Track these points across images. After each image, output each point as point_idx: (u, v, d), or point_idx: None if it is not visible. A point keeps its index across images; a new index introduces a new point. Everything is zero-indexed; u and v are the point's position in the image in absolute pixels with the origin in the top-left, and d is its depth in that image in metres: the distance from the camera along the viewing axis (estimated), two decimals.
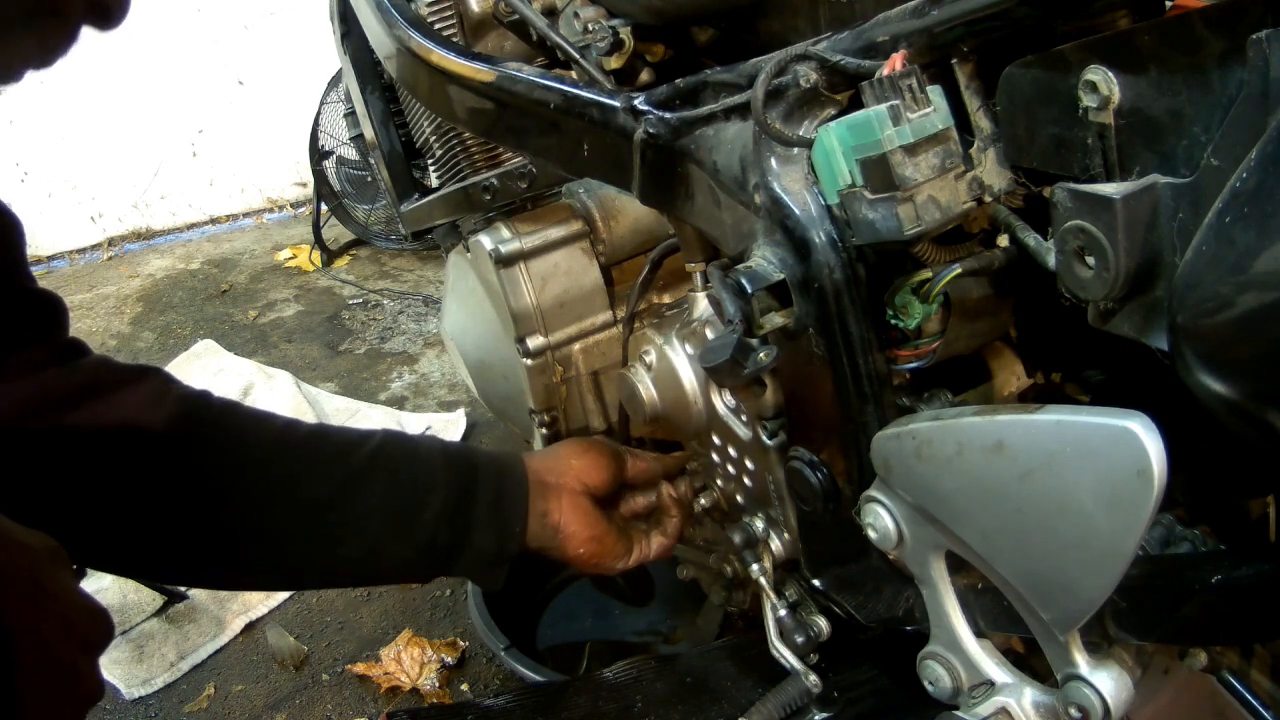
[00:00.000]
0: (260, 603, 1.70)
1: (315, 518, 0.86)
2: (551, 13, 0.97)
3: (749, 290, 0.67)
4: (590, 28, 0.91)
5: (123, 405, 0.81)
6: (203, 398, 0.88)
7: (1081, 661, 0.60)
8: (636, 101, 0.79)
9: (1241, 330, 0.43)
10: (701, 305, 0.90)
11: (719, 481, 0.95)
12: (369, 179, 3.09)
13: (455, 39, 1.09)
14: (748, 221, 0.71)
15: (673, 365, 0.91)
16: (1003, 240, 0.63)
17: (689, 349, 0.90)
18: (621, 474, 1.02)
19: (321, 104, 3.08)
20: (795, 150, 0.67)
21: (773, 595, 0.87)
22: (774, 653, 0.88)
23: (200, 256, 3.50)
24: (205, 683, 1.57)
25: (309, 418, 2.19)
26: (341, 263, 3.27)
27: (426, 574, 0.95)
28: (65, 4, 0.57)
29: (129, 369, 0.85)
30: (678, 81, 0.77)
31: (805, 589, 0.87)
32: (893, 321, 0.67)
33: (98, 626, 0.61)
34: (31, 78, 0.60)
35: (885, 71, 0.59)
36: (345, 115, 2.35)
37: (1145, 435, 0.48)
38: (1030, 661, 0.70)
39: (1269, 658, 0.66)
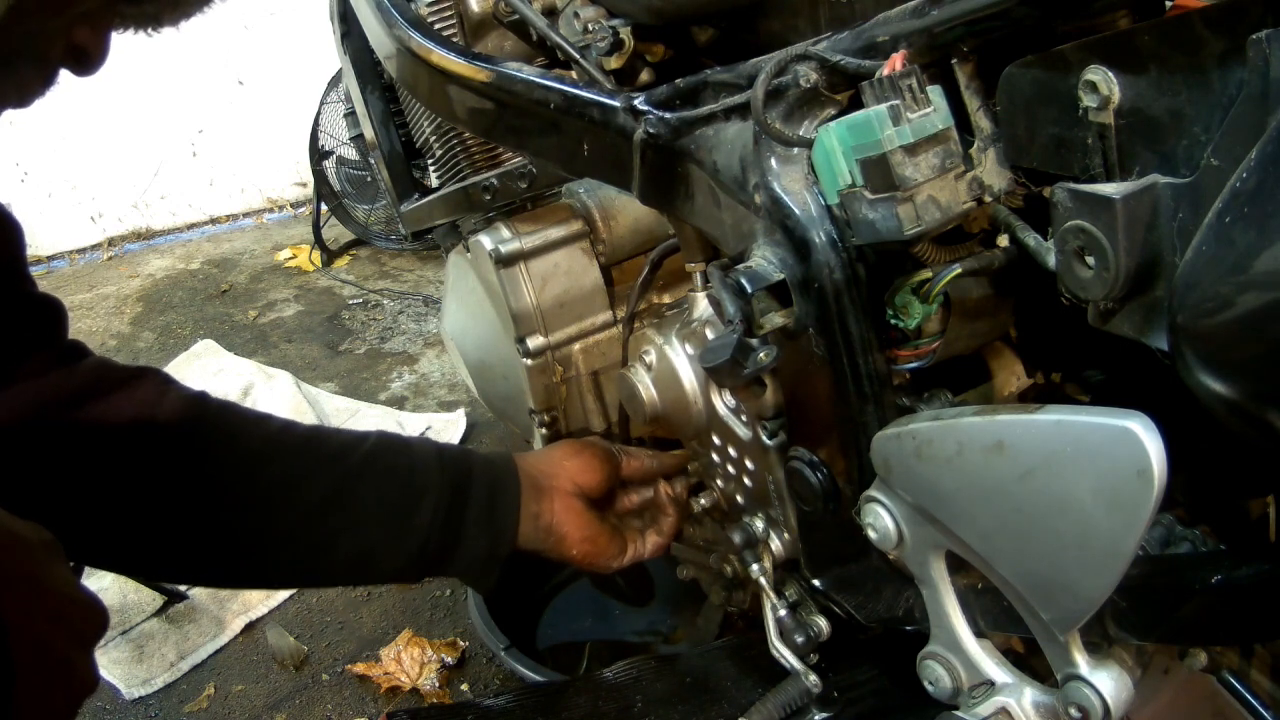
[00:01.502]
0: (260, 603, 1.70)
1: (311, 521, 0.87)
2: (551, 13, 0.97)
3: (749, 290, 0.67)
4: (590, 28, 0.91)
5: (121, 407, 0.82)
6: (200, 398, 0.88)
7: (1081, 661, 0.60)
8: (636, 101, 0.79)
9: (1241, 330, 0.43)
10: (701, 305, 0.90)
11: (719, 481, 0.95)
12: (369, 179, 3.09)
13: (455, 39, 1.09)
14: (748, 221, 0.71)
15: (673, 365, 0.91)
16: (1003, 240, 0.63)
17: (689, 349, 0.90)
18: (616, 474, 1.03)
19: (321, 104, 3.08)
20: (795, 150, 0.67)
21: (773, 595, 0.87)
22: (774, 653, 0.88)
23: (200, 256, 3.50)
24: (205, 683, 1.57)
25: (309, 418, 2.19)
26: (341, 263, 3.27)
27: (418, 575, 0.96)
28: (45, 48, 0.58)
29: (127, 370, 0.86)
30: (678, 81, 0.77)
31: (805, 589, 0.87)
32: (893, 321, 0.67)
33: (92, 619, 0.61)
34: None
35: (885, 71, 0.59)
36: (345, 115, 2.35)
37: (1145, 435, 0.48)
38: (1030, 661, 0.70)
39: (1269, 658, 0.66)
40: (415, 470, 0.92)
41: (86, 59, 0.60)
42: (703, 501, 0.98)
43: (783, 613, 0.87)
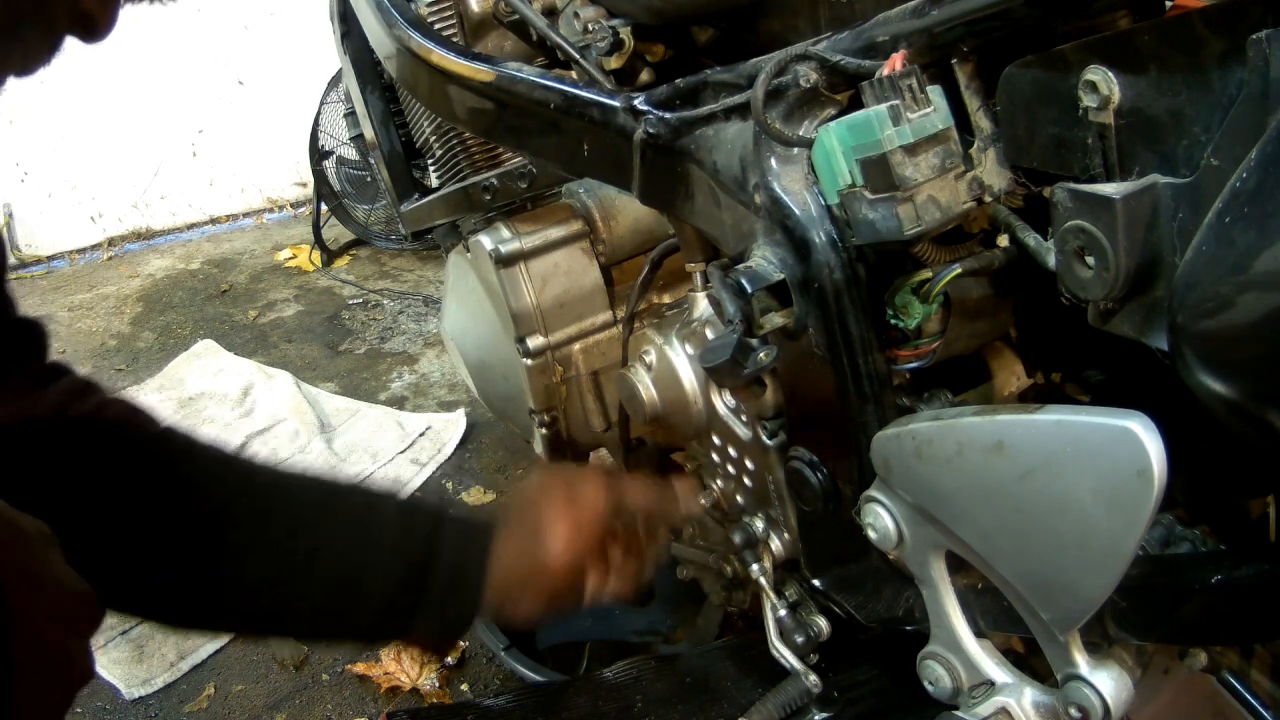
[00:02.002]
0: None
1: (256, 596, 0.83)
2: (551, 13, 0.97)
3: (749, 290, 0.67)
4: (590, 28, 0.91)
5: (84, 436, 0.80)
6: (164, 437, 0.84)
7: (1081, 661, 0.60)
8: (636, 101, 0.79)
9: (1241, 330, 0.43)
10: (701, 305, 0.90)
11: (719, 481, 0.95)
12: (369, 179, 3.09)
13: (455, 39, 1.09)
14: (748, 221, 0.71)
15: (673, 365, 0.91)
16: (1003, 240, 0.63)
17: (689, 349, 0.90)
18: (602, 537, 0.90)
19: (321, 104, 3.08)
20: (795, 150, 0.67)
21: (773, 595, 0.87)
22: (774, 653, 0.88)
23: (200, 256, 3.50)
24: (205, 683, 1.56)
25: (309, 417, 2.19)
26: (341, 263, 3.27)
27: (370, 647, 0.91)
28: (50, 14, 0.57)
29: (95, 398, 0.82)
30: (678, 81, 0.77)
31: (805, 589, 0.87)
32: (893, 321, 0.67)
33: (88, 609, 0.61)
34: (31, 78, 0.60)
35: (885, 71, 0.59)
36: (345, 115, 2.36)
37: (1145, 435, 0.48)
38: (1030, 661, 0.70)
39: (1269, 658, 0.66)
40: (371, 561, 0.84)
41: (94, 26, 0.60)
42: (703, 501, 0.98)
43: (783, 613, 0.87)
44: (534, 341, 1.16)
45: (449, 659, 1.51)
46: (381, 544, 0.85)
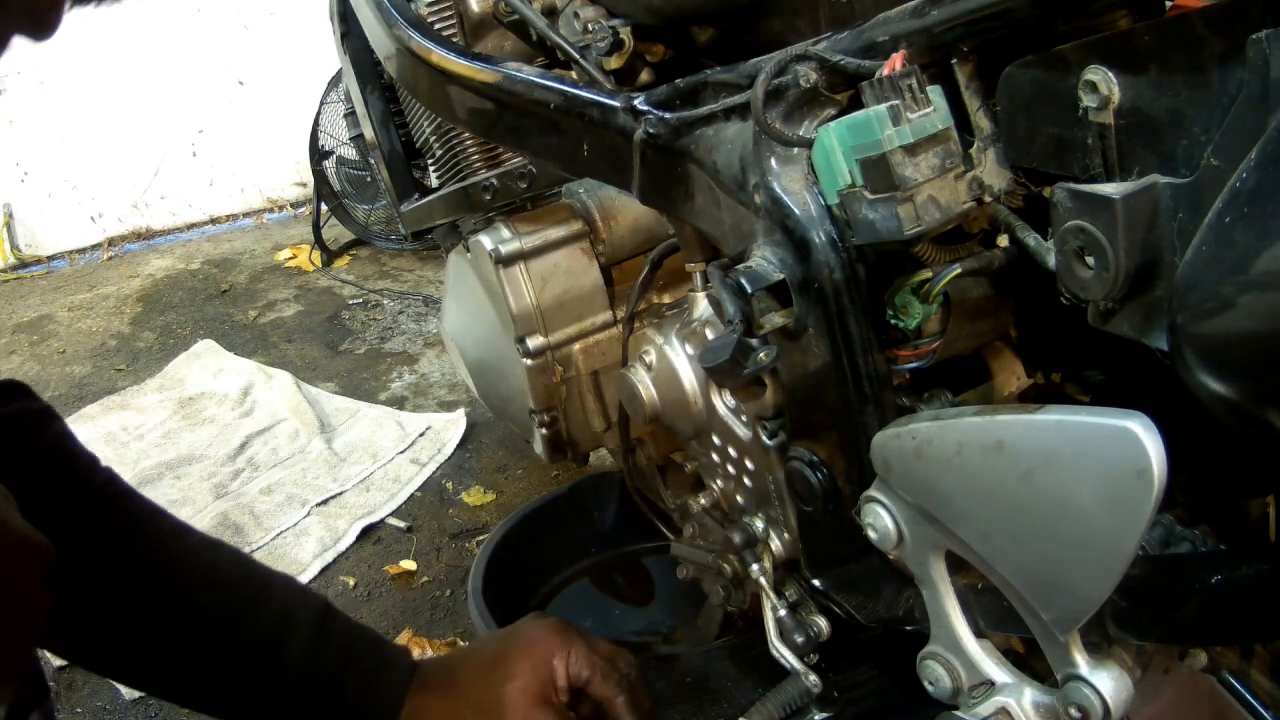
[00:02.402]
0: None
1: (156, 655, 0.82)
2: (551, 13, 0.97)
3: (749, 290, 0.67)
4: (590, 28, 0.91)
5: (28, 460, 0.78)
6: (105, 485, 0.83)
7: (1081, 661, 0.60)
8: (636, 101, 0.79)
9: (1241, 330, 0.43)
10: (701, 305, 0.90)
11: (719, 481, 0.95)
12: (369, 179, 3.09)
13: (455, 39, 1.09)
14: (748, 221, 0.71)
15: (673, 365, 0.91)
16: (1003, 240, 0.63)
17: (689, 349, 0.90)
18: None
19: (321, 104, 3.08)
20: (795, 150, 0.67)
21: (773, 595, 0.87)
22: (774, 653, 0.87)
23: (200, 256, 3.50)
24: None
25: (309, 417, 2.19)
26: (341, 263, 3.27)
27: None
28: None
29: (46, 432, 0.81)
30: (678, 81, 0.77)
31: (805, 589, 0.87)
32: (893, 321, 0.67)
33: (44, 557, 0.62)
34: (32, 78, 0.60)
35: (885, 71, 0.59)
36: (345, 115, 2.36)
37: (1145, 435, 0.48)
38: (1030, 661, 0.70)
39: (1269, 658, 0.66)
40: None
41: (40, 23, 0.59)
42: (703, 501, 0.98)
43: (783, 613, 0.87)
44: (534, 341, 1.16)
45: None
46: (286, 669, 0.82)
